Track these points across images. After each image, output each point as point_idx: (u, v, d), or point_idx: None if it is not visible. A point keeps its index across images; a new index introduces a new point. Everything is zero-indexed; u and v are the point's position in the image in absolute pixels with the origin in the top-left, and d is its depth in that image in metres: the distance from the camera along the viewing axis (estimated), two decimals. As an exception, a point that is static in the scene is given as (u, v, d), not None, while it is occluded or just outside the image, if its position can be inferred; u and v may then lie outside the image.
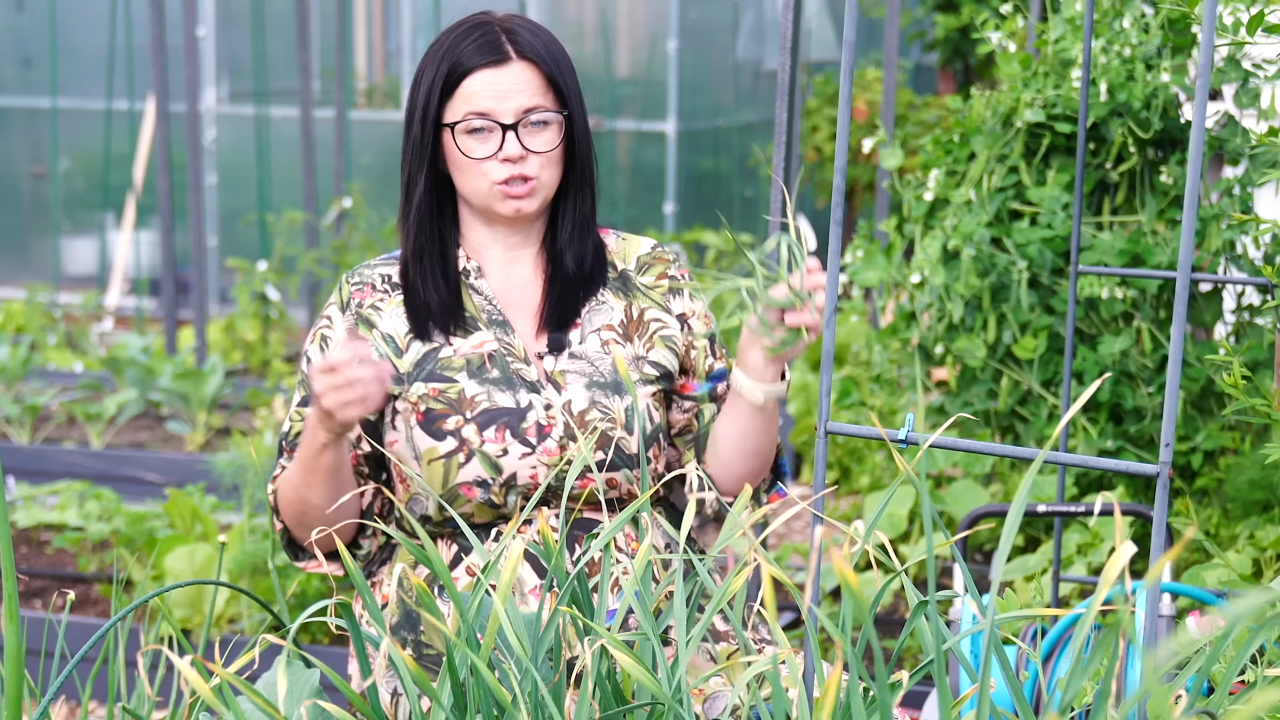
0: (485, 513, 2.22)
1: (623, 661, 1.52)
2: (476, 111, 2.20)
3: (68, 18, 9.14)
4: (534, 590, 2.19)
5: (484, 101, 2.20)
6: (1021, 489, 1.41)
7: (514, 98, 2.20)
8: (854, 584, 1.38)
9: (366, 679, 1.70)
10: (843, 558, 1.37)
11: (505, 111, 2.20)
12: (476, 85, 2.20)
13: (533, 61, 2.22)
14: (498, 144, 2.20)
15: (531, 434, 2.19)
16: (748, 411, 2.21)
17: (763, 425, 2.23)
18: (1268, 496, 3.53)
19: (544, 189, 2.25)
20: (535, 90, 2.21)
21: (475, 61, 2.20)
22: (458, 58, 2.21)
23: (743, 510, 1.78)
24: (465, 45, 2.21)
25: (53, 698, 1.99)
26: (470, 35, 2.22)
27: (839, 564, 1.37)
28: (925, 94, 9.53)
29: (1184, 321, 1.53)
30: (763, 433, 2.24)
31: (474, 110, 2.20)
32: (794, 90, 3.26)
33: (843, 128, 1.73)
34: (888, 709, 1.46)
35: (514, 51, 2.21)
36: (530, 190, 2.23)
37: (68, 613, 2.02)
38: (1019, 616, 1.50)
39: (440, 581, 2.18)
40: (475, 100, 2.20)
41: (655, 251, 2.35)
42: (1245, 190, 3.81)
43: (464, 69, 2.21)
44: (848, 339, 5.93)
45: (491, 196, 2.23)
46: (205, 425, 6.07)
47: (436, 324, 2.25)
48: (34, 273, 9.37)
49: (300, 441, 2.17)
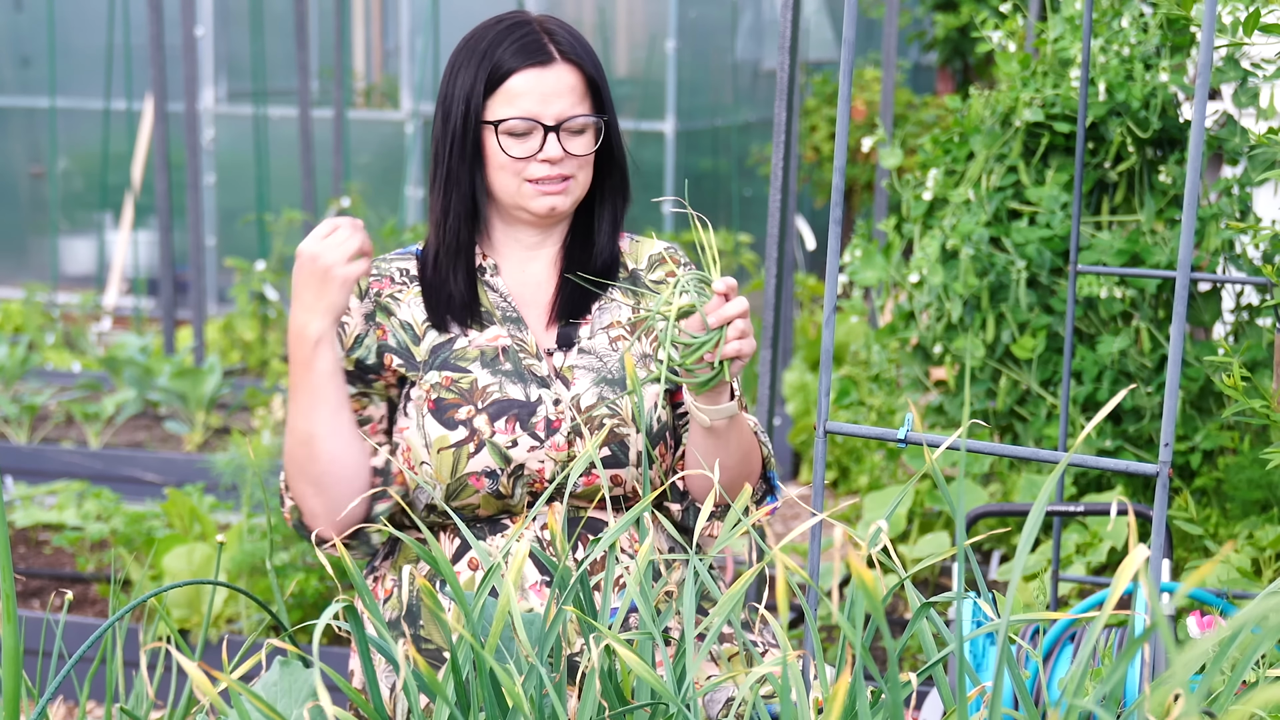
0: (491, 504, 2.22)
1: (630, 662, 1.52)
2: (520, 113, 2.20)
3: (66, 17, 9.13)
4: (534, 586, 2.19)
5: (527, 102, 2.20)
6: (1043, 492, 1.41)
7: (556, 100, 2.21)
8: (871, 585, 1.37)
9: (369, 679, 1.70)
10: (860, 560, 1.36)
11: (548, 114, 2.21)
12: (520, 86, 2.20)
13: (575, 64, 2.23)
14: (538, 145, 2.21)
15: (540, 428, 2.20)
16: (701, 430, 2.17)
17: (718, 442, 2.16)
18: (1267, 496, 3.53)
19: (578, 189, 2.26)
20: (577, 93, 2.22)
21: (519, 62, 2.21)
22: (500, 57, 2.21)
23: (740, 512, 1.77)
24: (507, 44, 2.21)
25: (50, 698, 1.99)
26: (511, 34, 2.22)
27: (857, 567, 1.36)
28: (924, 94, 9.53)
29: (1183, 321, 1.53)
30: (723, 448, 2.17)
31: (517, 110, 2.20)
32: (793, 90, 3.26)
33: (841, 127, 1.73)
34: (899, 710, 1.46)
35: (557, 53, 2.22)
36: (565, 189, 2.24)
37: (65, 612, 2.02)
38: (1023, 620, 1.49)
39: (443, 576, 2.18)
40: (518, 101, 2.20)
41: (666, 251, 2.37)
42: (1244, 190, 3.81)
43: (507, 68, 2.21)
44: (846, 338, 5.93)
45: (524, 195, 2.24)
46: (203, 425, 6.07)
47: (455, 317, 2.26)
48: (32, 272, 9.37)
49: (291, 363, 2.16)
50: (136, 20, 8.79)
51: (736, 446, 2.18)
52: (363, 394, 2.27)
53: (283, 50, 8.97)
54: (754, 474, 2.27)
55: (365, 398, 2.28)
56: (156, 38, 6.30)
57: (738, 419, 2.16)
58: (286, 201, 8.53)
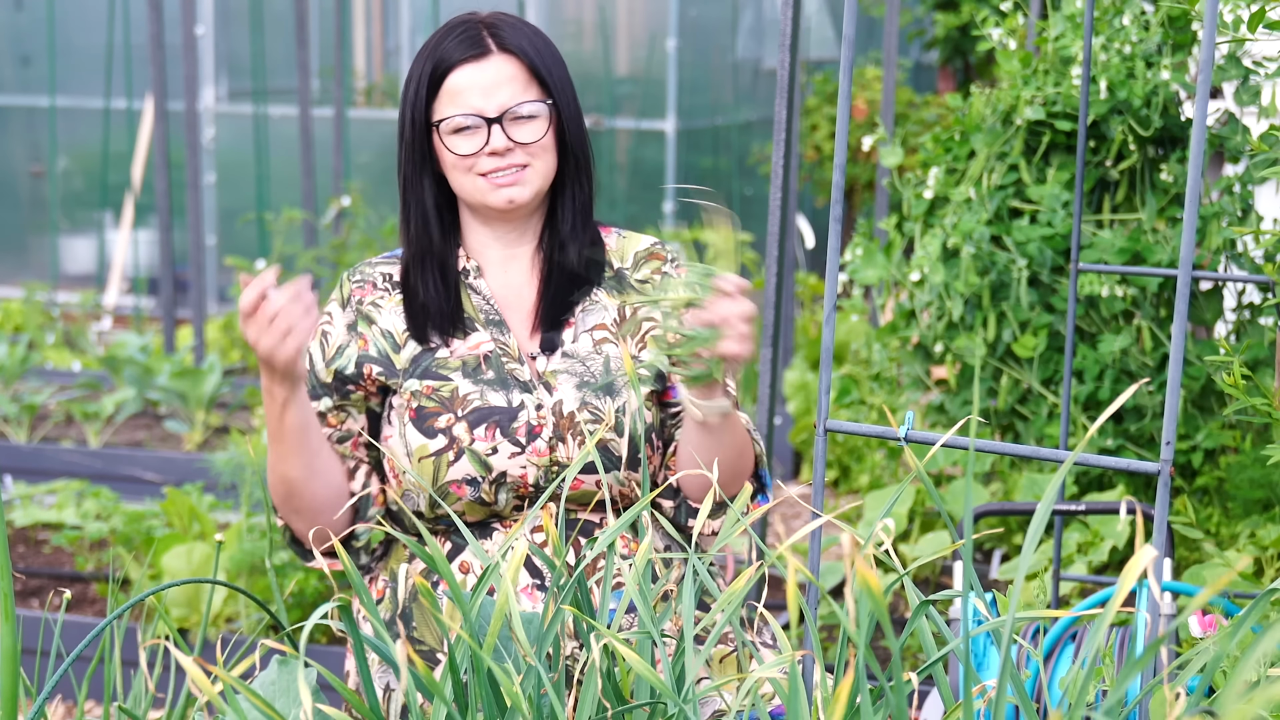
0: (476, 510, 2.21)
1: (632, 662, 1.51)
2: (460, 109, 2.20)
3: (66, 16, 9.13)
4: (525, 589, 2.18)
5: (467, 96, 2.20)
6: (1049, 491, 1.40)
7: (496, 92, 2.20)
8: (875, 587, 1.36)
9: (364, 679, 1.69)
10: (864, 560, 1.35)
11: (489, 106, 2.20)
12: (459, 81, 2.20)
13: (514, 53, 2.21)
14: (484, 138, 2.20)
15: (521, 434, 2.19)
16: (694, 426, 2.15)
17: (712, 439, 2.14)
18: (1268, 495, 3.53)
19: (537, 179, 2.23)
20: (519, 82, 2.21)
21: (457, 57, 2.20)
22: (440, 55, 2.21)
23: (740, 511, 1.77)
24: (448, 42, 2.22)
25: (48, 696, 1.98)
26: (453, 32, 2.23)
27: (862, 569, 1.35)
28: (925, 92, 9.52)
29: (1185, 319, 1.52)
30: (716, 445, 2.15)
31: (458, 107, 2.20)
32: (793, 88, 3.25)
33: (842, 125, 1.72)
34: (902, 710, 1.46)
35: (494, 45, 2.21)
36: (520, 179, 2.22)
37: (64, 612, 2.01)
38: (1025, 619, 1.49)
39: (439, 577, 2.17)
40: (459, 96, 2.20)
41: (652, 248, 2.34)
42: (1245, 188, 3.80)
43: (446, 65, 2.21)
44: (847, 337, 5.92)
45: (482, 191, 2.22)
46: (203, 424, 6.06)
47: (435, 327, 2.25)
48: (32, 271, 9.36)
49: (266, 414, 2.17)
50: (136, 19, 8.78)
51: (730, 444, 2.17)
52: (340, 408, 2.27)
53: (283, 49, 8.96)
54: (746, 472, 2.26)
55: (343, 411, 2.27)
56: (156, 36, 6.29)
57: (731, 416, 2.14)
58: (287, 200, 8.53)
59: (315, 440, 2.18)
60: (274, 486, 2.22)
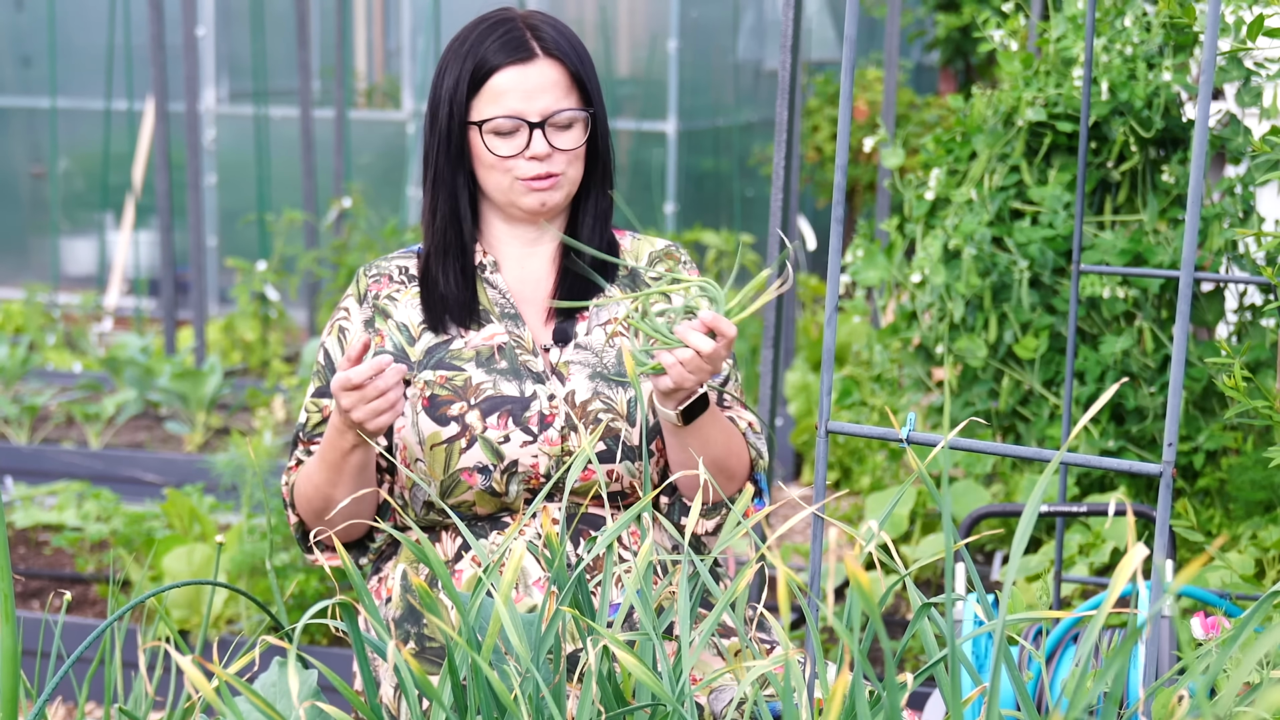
0: (487, 502, 2.22)
1: (627, 663, 1.51)
2: (504, 111, 2.20)
3: (66, 17, 9.13)
4: (538, 582, 2.19)
5: (511, 100, 2.20)
6: (1035, 492, 1.40)
7: (541, 96, 2.20)
8: (866, 586, 1.37)
9: (365, 679, 1.69)
10: (855, 560, 1.35)
11: (532, 110, 2.20)
12: (503, 83, 2.20)
13: (558, 59, 2.21)
14: (524, 142, 2.21)
15: (534, 423, 2.20)
16: (669, 427, 2.16)
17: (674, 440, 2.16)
18: (1270, 497, 3.52)
19: (568, 184, 2.25)
20: (561, 88, 2.21)
21: (501, 59, 2.20)
22: (483, 55, 2.20)
23: (741, 511, 1.76)
24: (490, 42, 2.21)
25: (49, 698, 1.98)
26: (494, 32, 2.21)
27: (852, 567, 1.35)
28: (926, 94, 9.52)
29: (1187, 321, 1.52)
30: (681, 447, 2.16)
31: (501, 109, 2.20)
32: (794, 89, 3.25)
33: (843, 126, 1.72)
34: (896, 711, 1.45)
35: (539, 49, 2.21)
36: (555, 184, 2.23)
37: (64, 613, 2.01)
38: (1023, 620, 1.49)
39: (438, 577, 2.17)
40: (502, 99, 2.20)
41: (667, 249, 2.37)
42: (1247, 190, 3.80)
43: (489, 66, 2.20)
44: (849, 339, 5.92)
45: (515, 191, 2.23)
46: (204, 425, 6.06)
47: (453, 318, 2.27)
48: (33, 273, 9.36)
49: (325, 442, 2.17)
50: (137, 20, 8.78)
51: (702, 448, 2.16)
52: None
53: (284, 50, 8.96)
54: (736, 473, 2.25)
55: None
56: (157, 37, 6.29)
57: (699, 428, 2.14)
58: (288, 201, 8.53)
59: (370, 476, 2.21)
60: (309, 500, 2.24)
